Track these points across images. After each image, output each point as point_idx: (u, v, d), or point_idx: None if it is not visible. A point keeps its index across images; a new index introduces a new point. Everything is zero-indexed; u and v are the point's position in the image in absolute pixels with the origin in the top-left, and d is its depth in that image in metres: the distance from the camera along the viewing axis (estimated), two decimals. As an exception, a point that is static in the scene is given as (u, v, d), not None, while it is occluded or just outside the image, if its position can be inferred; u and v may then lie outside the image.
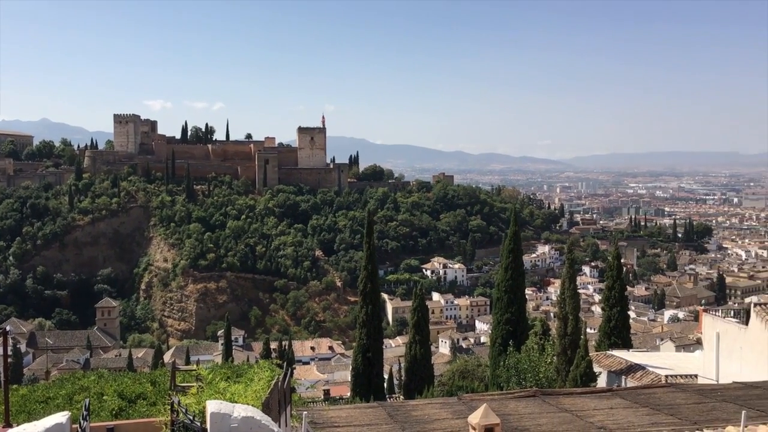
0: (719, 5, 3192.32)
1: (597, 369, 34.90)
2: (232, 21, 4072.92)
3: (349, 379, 55.91)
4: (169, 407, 9.69)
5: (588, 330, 47.44)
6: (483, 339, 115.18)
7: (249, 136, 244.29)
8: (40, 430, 7.91)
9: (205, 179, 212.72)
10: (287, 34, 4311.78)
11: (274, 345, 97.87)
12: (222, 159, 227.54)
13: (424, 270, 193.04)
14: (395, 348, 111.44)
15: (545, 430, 12.33)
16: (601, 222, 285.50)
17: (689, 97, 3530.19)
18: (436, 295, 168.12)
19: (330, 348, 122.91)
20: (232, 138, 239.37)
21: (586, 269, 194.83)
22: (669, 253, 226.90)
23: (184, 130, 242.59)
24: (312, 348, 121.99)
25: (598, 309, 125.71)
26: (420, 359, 48.95)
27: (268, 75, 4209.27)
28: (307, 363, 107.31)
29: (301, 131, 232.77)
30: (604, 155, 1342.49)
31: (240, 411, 8.43)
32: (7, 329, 10.61)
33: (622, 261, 51.90)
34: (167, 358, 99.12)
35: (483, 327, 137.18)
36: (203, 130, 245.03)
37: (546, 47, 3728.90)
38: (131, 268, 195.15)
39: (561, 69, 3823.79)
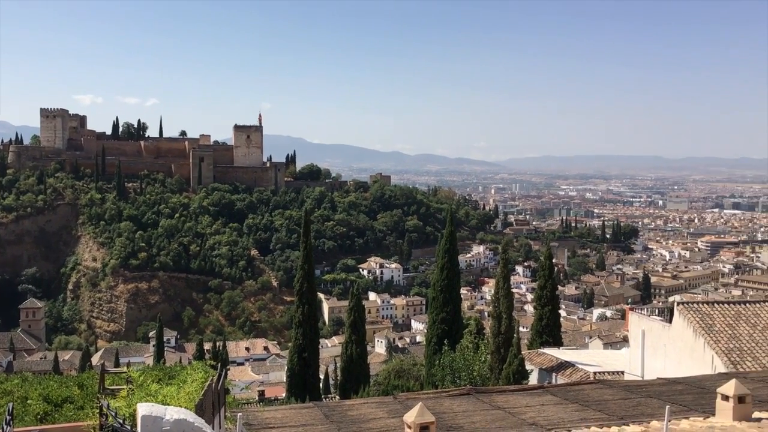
0: (636, 5, 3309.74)
1: (529, 366, 35.80)
2: (165, 14, 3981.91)
3: (285, 380, 55.54)
4: (98, 411, 9.45)
5: (521, 329, 48.49)
6: (419, 338, 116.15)
7: (183, 133, 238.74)
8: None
9: (137, 177, 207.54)
10: (224, 29, 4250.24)
11: (207, 346, 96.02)
12: (155, 156, 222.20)
13: (360, 270, 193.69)
14: (331, 348, 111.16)
15: (479, 427, 12.52)
16: (534, 223, 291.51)
17: (617, 102, 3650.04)
18: (372, 295, 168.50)
19: (265, 348, 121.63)
20: (165, 135, 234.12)
21: (519, 269, 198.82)
22: (598, 254, 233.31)
23: (115, 125, 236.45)
24: (247, 348, 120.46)
25: (530, 308, 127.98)
26: (356, 359, 49.21)
27: (204, 71, 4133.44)
28: (242, 364, 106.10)
29: (238, 129, 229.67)
30: (537, 158, 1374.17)
31: (172, 413, 8.27)
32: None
33: (553, 261, 53.34)
34: (96, 360, 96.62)
35: (419, 326, 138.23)
36: (135, 126, 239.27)
37: (481, 48, 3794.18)
38: (58, 267, 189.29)
39: (497, 71, 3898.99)
